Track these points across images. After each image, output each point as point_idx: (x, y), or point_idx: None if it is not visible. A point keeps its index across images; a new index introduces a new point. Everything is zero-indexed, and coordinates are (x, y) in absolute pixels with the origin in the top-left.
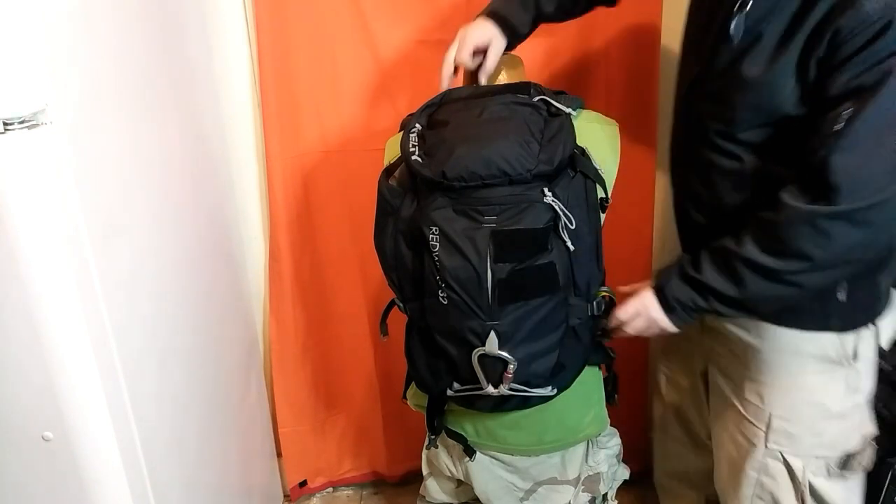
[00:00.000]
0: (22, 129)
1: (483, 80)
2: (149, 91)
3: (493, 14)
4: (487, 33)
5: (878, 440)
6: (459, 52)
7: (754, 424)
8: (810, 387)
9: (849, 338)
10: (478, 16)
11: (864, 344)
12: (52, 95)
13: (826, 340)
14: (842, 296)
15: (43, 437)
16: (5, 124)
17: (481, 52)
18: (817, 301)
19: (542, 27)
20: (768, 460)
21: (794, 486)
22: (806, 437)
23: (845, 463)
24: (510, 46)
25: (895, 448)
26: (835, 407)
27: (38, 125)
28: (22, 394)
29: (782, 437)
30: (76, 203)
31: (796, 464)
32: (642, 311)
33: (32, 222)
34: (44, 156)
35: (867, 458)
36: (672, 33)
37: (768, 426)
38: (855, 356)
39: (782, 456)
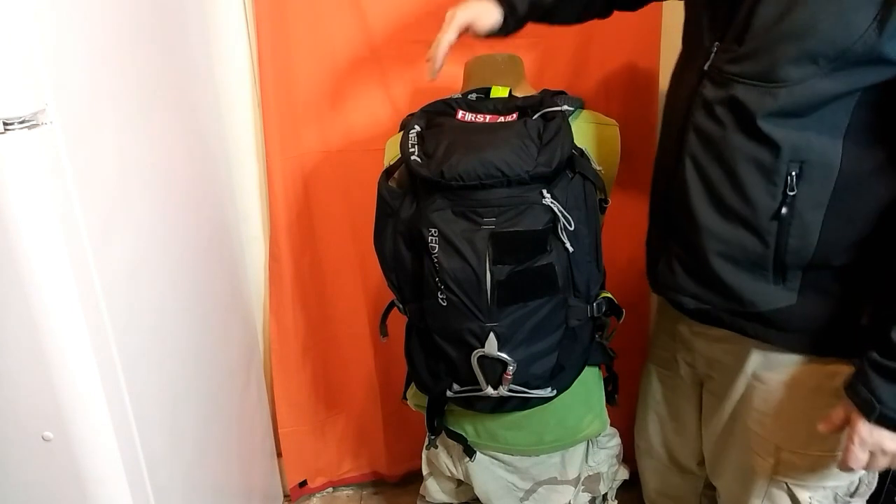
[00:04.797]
0: (22, 129)
1: (468, 117)
2: (149, 91)
3: None
4: (476, 9)
5: None
6: (446, 31)
7: (759, 455)
8: None
9: None
10: None
11: None
12: (52, 95)
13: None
14: (865, 320)
15: (43, 437)
16: (5, 124)
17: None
18: (843, 327)
19: (544, 28)
20: (773, 489)
21: None
22: (816, 471)
23: (855, 490)
24: (510, 22)
25: None
26: None
27: (38, 125)
28: (22, 394)
29: (790, 469)
30: (76, 203)
31: (803, 495)
32: (877, 450)
33: (32, 222)
34: (44, 156)
35: (874, 479)
36: (672, 33)
37: (776, 459)
38: None
39: (788, 486)
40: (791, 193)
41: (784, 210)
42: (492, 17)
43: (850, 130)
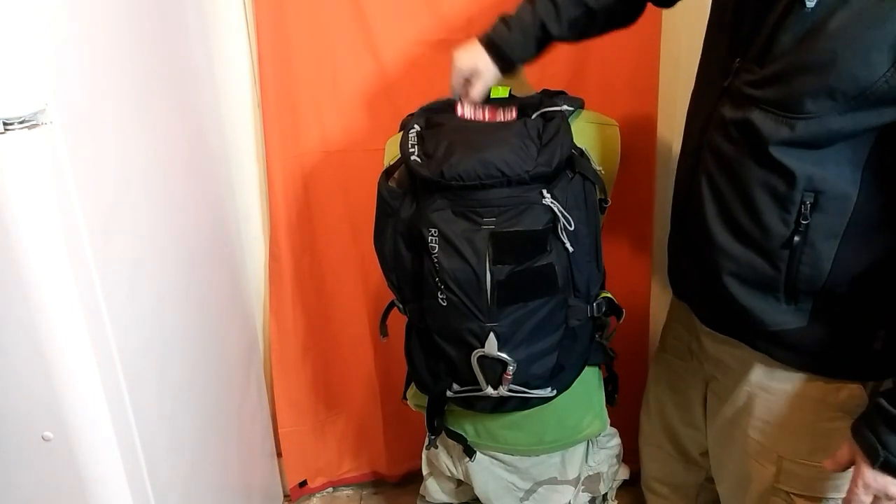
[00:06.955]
0: (22, 129)
1: (467, 114)
2: (149, 91)
3: (488, 41)
4: (474, 61)
5: None
6: (452, 79)
7: (759, 463)
8: (827, 434)
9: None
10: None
11: None
12: (52, 95)
13: (857, 392)
14: (878, 345)
15: (43, 437)
16: (5, 124)
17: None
18: (854, 351)
19: None
20: (773, 499)
21: None
22: (818, 481)
23: None
24: (509, 71)
25: None
26: None
27: (38, 125)
28: (22, 394)
29: (791, 479)
30: (76, 203)
31: None
32: (881, 495)
33: (32, 222)
34: (44, 156)
35: None
36: (672, 33)
37: (778, 468)
38: None
39: (789, 496)
40: (804, 222)
41: (796, 238)
42: (487, 74)
43: (869, 163)
